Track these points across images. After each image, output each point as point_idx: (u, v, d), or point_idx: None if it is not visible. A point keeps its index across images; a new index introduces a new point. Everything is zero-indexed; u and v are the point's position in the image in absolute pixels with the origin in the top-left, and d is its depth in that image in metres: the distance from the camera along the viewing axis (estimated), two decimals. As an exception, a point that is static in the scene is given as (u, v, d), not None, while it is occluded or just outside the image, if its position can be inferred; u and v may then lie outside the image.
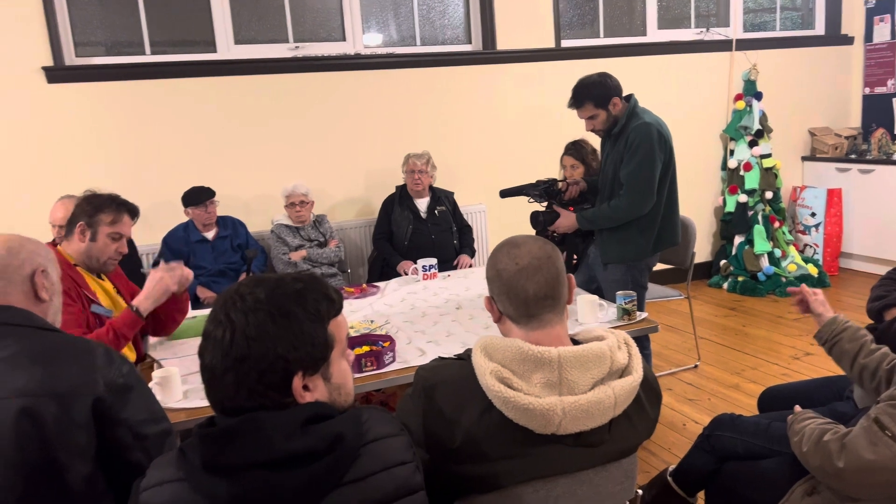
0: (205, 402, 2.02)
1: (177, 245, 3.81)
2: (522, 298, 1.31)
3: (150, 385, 2.07)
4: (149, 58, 4.10)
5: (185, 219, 3.89)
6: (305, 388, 1.07)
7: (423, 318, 2.72)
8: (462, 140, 4.76)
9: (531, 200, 3.08)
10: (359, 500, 1.03)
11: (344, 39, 4.52)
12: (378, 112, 4.56)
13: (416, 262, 3.49)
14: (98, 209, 2.38)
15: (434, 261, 3.43)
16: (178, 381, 2.12)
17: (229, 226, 3.94)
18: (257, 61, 4.26)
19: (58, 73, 3.82)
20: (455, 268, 4.06)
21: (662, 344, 4.19)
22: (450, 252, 4.20)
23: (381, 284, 3.33)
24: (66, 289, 2.17)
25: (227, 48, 4.26)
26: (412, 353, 2.32)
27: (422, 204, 4.22)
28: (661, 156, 2.82)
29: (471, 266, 4.15)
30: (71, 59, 3.93)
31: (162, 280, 2.36)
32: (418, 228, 4.15)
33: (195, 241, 3.82)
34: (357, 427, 1.08)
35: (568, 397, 1.23)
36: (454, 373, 1.32)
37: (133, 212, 2.48)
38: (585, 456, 1.31)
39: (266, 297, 1.06)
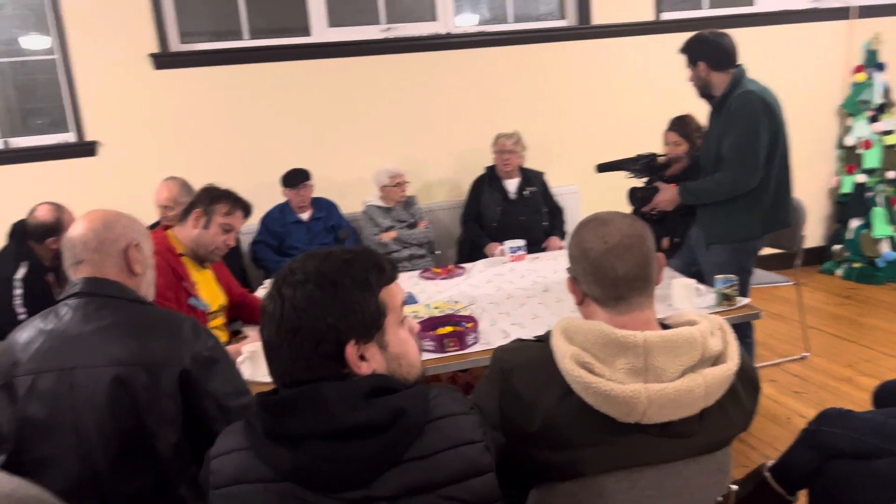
0: None
1: (273, 226, 3.92)
2: (611, 279, 1.23)
3: (240, 359, 2.13)
4: (247, 42, 4.21)
5: (282, 199, 3.99)
6: (362, 357, 1.05)
7: (509, 299, 2.67)
8: (555, 119, 4.65)
9: (630, 175, 2.94)
10: (422, 479, 1.00)
11: (435, 19, 4.49)
12: (469, 92, 4.51)
13: (504, 244, 3.43)
14: (216, 199, 2.48)
15: (522, 242, 3.37)
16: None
17: (323, 207, 4.01)
18: (350, 43, 4.30)
19: (164, 59, 3.99)
20: (544, 250, 3.98)
21: (768, 333, 3.96)
22: (539, 234, 4.11)
23: (467, 265, 3.30)
24: (165, 284, 2.26)
25: (320, 31, 4.32)
26: (496, 335, 2.28)
27: (511, 185, 4.15)
28: (768, 126, 2.63)
29: (560, 249, 4.05)
30: (176, 46, 4.10)
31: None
32: (507, 210, 4.09)
33: (291, 221, 3.92)
34: (422, 403, 1.05)
35: (654, 385, 1.15)
36: (533, 355, 1.27)
37: (247, 209, 2.57)
38: (674, 447, 1.23)
39: (314, 270, 1.06)
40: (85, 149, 3.98)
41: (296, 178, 3.88)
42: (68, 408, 1.39)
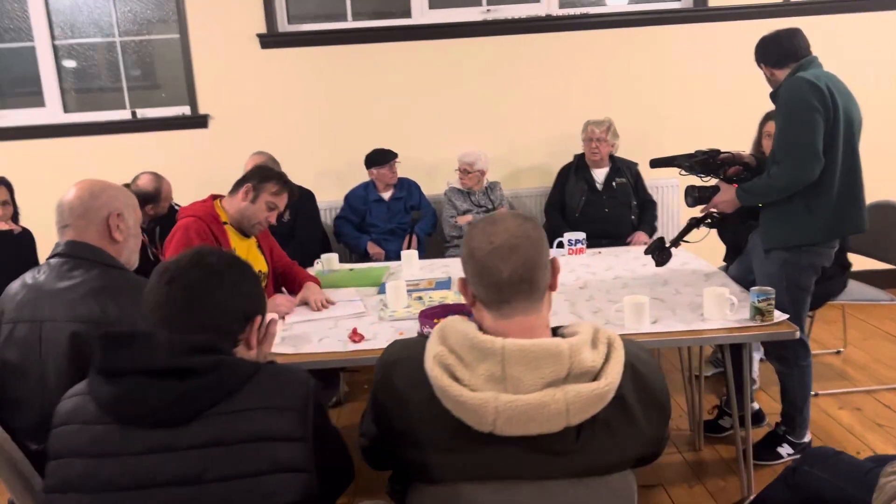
0: (295, 350, 2.15)
1: (356, 203, 4.05)
2: (495, 281, 1.18)
3: (270, 317, 2.25)
4: (348, 24, 4.36)
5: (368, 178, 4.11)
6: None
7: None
8: (658, 107, 4.39)
9: (683, 173, 2.73)
10: (228, 431, 1.07)
11: (538, 0, 4.38)
12: (568, 76, 4.37)
13: (563, 236, 3.31)
14: (267, 179, 2.63)
15: (582, 235, 3.24)
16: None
17: (405, 187, 4.09)
18: (449, 25, 4.31)
19: (269, 39, 4.23)
20: (628, 244, 3.80)
21: (873, 356, 3.54)
22: (625, 227, 3.93)
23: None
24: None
25: (421, 13, 4.37)
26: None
27: (599, 174, 3.98)
28: (821, 111, 2.33)
29: (646, 244, 3.84)
30: (284, 27, 4.32)
31: (279, 309, 2.53)
32: (592, 200, 3.94)
33: (372, 199, 4.03)
34: (246, 366, 1.13)
35: (505, 395, 1.09)
36: (416, 352, 1.24)
37: (292, 193, 2.71)
38: (550, 464, 1.16)
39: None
40: (198, 121, 4.33)
41: (386, 156, 3.98)
42: (36, 356, 1.55)
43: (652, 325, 2.19)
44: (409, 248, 3.82)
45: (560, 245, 3.22)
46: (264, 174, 2.65)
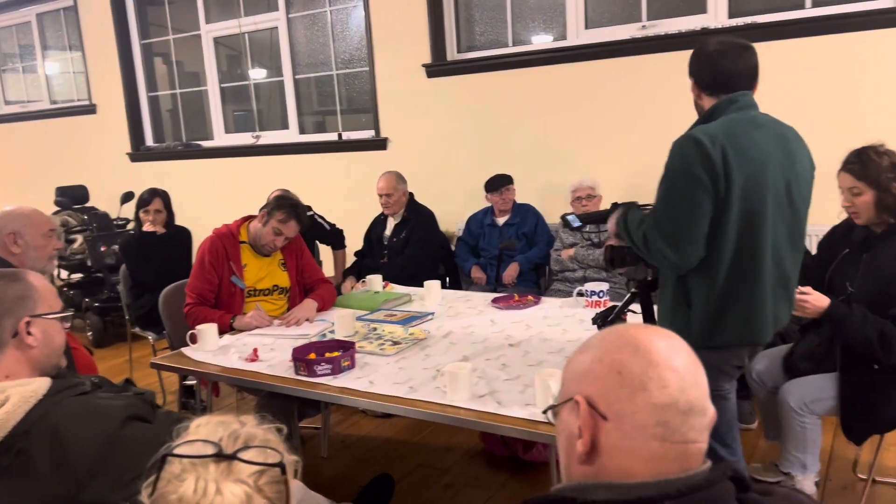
0: (211, 360, 2.47)
1: (474, 226, 4.14)
2: None
3: (191, 332, 2.66)
4: (506, 49, 4.41)
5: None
6: None
7: (471, 346, 2.44)
8: (851, 130, 3.44)
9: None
10: None
11: (705, 11, 3.81)
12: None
13: (585, 286, 2.92)
14: (279, 207, 3.00)
15: (605, 286, 2.84)
16: (213, 336, 2.63)
17: (520, 214, 4.02)
18: (604, 45, 4.06)
19: (432, 68, 4.54)
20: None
21: None
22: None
23: (546, 299, 2.98)
24: (212, 260, 2.94)
25: (576, 34, 4.18)
26: (364, 377, 2.22)
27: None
28: (708, 188, 1.78)
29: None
30: (452, 55, 4.58)
31: (249, 324, 2.85)
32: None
33: (487, 224, 4.07)
34: None
35: None
36: None
37: (301, 222, 3.03)
38: None
39: None
40: (380, 143, 4.88)
41: (495, 184, 4.00)
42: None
43: (479, 399, 1.97)
44: (497, 275, 3.79)
45: (580, 294, 2.88)
46: (277, 204, 3.01)
